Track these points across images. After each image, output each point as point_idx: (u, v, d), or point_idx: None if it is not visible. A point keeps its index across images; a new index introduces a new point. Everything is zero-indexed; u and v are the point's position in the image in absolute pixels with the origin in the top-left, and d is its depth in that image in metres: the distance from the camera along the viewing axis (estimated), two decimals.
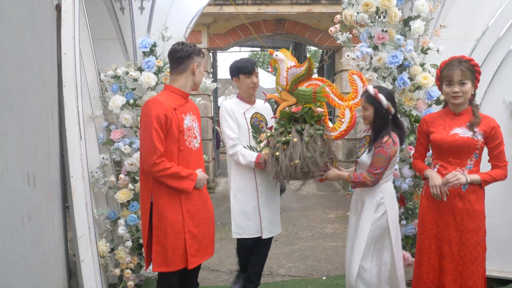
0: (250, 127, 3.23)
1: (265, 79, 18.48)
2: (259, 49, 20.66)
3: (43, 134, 1.98)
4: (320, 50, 12.09)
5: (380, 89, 2.74)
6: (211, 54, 8.92)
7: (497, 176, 2.56)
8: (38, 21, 2.02)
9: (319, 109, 2.93)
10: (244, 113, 3.25)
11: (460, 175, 2.49)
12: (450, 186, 2.54)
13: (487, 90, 3.57)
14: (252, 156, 3.11)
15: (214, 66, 9.30)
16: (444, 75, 2.56)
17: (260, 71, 20.10)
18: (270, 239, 3.43)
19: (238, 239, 3.35)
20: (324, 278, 4.17)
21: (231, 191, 3.26)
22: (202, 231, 2.66)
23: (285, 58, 3.00)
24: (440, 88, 2.67)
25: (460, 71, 2.48)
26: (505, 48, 3.54)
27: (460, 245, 2.57)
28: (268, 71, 26.95)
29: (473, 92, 2.57)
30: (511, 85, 3.57)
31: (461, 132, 2.54)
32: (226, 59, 13.42)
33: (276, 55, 2.98)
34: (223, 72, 12.03)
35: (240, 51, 18.31)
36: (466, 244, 2.56)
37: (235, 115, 3.21)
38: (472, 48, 3.55)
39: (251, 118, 3.26)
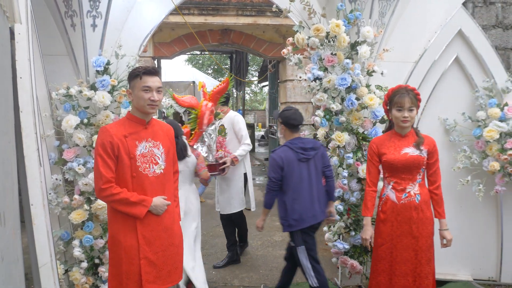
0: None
1: (205, 82, 18.46)
2: (198, 52, 20.62)
3: (8, 168, 1.94)
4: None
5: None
6: (155, 62, 8.84)
7: (442, 203, 2.93)
8: (0, 50, 1.98)
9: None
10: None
11: (448, 235, 2.91)
12: (406, 201, 2.86)
13: (424, 108, 3.90)
14: None
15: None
16: (395, 101, 2.84)
17: (199, 73, 19.98)
18: (238, 215, 4.81)
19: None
20: None
21: None
22: (163, 258, 2.63)
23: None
24: (387, 112, 2.96)
25: (409, 99, 2.80)
26: (439, 70, 3.89)
27: (417, 250, 2.86)
28: (207, 74, 27.02)
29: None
30: (445, 104, 3.92)
31: (410, 151, 2.85)
32: (167, 63, 13.30)
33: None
34: (163, 75, 11.96)
35: (182, 55, 18.20)
36: (422, 248, 2.86)
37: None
38: (411, 70, 3.86)
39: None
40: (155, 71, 2.63)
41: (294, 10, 3.68)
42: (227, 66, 23.52)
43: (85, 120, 3.39)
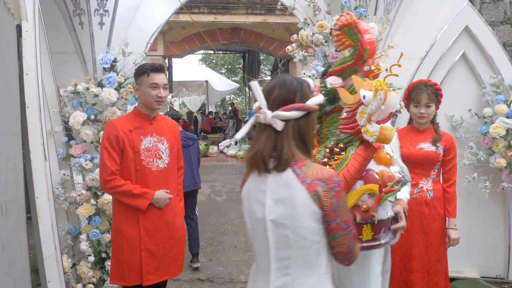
0: None
1: (218, 82, 18.54)
2: (212, 51, 20.74)
3: (11, 161, 2.00)
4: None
5: None
6: (166, 60, 8.91)
7: (454, 202, 2.91)
8: (4, 47, 2.04)
9: None
10: None
11: (453, 234, 2.88)
12: (418, 196, 2.85)
13: None
14: None
15: (169, 72, 9.30)
16: (412, 97, 2.85)
17: (213, 73, 19.99)
18: None
19: None
20: None
21: None
22: (164, 250, 2.69)
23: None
24: (407, 106, 2.98)
25: (427, 95, 2.79)
26: (446, 67, 3.86)
27: (427, 246, 2.85)
28: (221, 73, 27.10)
29: (435, 113, 2.85)
30: (452, 101, 3.89)
31: (426, 146, 2.84)
32: (181, 62, 13.38)
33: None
34: (176, 75, 12.04)
35: (193, 54, 18.36)
36: (432, 245, 2.85)
37: None
38: (417, 67, 3.84)
39: None
40: (161, 69, 2.73)
41: (299, 7, 3.69)
42: (240, 66, 23.57)
43: (92, 117, 3.45)
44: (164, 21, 3.87)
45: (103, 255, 3.50)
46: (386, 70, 3.49)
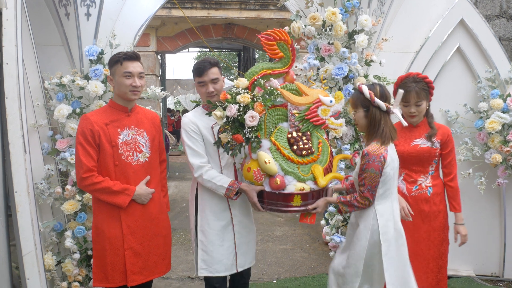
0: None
1: None
2: (207, 49, 20.63)
3: None
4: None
5: None
6: (159, 56, 8.80)
7: (458, 196, 2.80)
8: None
9: None
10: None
11: (463, 230, 2.80)
12: (417, 194, 2.77)
13: None
14: None
15: (162, 68, 9.18)
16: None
17: None
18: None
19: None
20: (274, 281, 4.26)
21: None
22: (149, 249, 2.58)
23: None
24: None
25: (415, 94, 2.65)
26: (441, 61, 3.79)
27: (429, 244, 2.76)
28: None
29: (427, 107, 2.76)
30: (446, 95, 3.83)
31: (421, 142, 2.74)
32: (173, 59, 13.23)
33: None
34: (170, 73, 11.92)
35: (188, 52, 18.22)
36: (435, 242, 2.76)
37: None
38: (411, 61, 3.77)
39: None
40: (136, 56, 2.59)
41: None
42: (236, 64, 23.49)
43: (78, 110, 3.35)
44: (152, 13, 3.77)
45: (89, 252, 3.40)
46: (380, 63, 3.45)
